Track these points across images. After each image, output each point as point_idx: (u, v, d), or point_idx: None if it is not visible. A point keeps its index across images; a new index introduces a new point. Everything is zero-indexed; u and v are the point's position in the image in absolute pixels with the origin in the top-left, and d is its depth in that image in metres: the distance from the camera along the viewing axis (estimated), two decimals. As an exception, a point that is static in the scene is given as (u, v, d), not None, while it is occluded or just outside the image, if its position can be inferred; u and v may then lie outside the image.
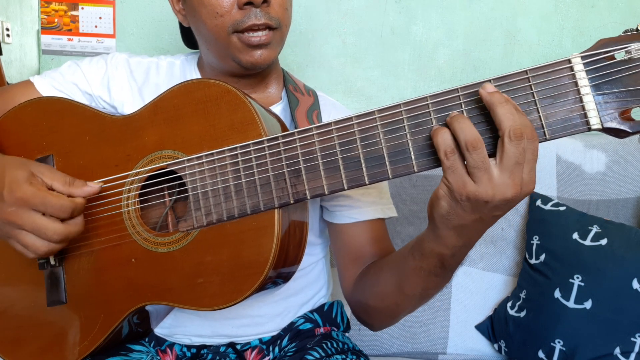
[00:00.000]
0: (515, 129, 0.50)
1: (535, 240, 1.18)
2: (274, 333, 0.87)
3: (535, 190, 1.21)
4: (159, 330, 0.88)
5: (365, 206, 0.84)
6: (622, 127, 0.52)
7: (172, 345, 0.87)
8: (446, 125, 0.55)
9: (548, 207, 1.19)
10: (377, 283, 0.77)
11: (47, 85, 0.86)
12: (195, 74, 0.89)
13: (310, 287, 0.91)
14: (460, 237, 0.59)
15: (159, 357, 0.86)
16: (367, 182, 0.60)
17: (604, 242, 1.10)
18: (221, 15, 0.75)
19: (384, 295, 0.75)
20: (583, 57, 0.53)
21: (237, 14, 0.75)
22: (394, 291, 0.73)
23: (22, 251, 0.68)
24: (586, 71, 0.53)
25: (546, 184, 1.25)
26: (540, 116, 0.54)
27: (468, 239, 0.60)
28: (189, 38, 0.94)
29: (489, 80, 0.55)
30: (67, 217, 0.66)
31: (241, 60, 0.78)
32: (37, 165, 0.69)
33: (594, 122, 0.53)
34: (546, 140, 0.54)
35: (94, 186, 0.70)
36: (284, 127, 0.73)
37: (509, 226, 1.26)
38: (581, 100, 0.53)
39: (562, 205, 1.19)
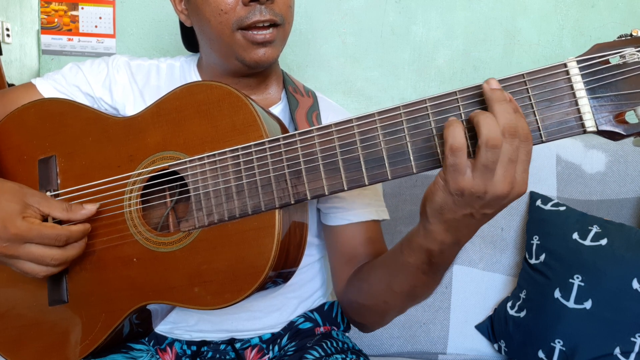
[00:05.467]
0: (510, 127, 0.51)
1: (535, 240, 1.19)
2: (274, 330, 0.88)
3: (535, 190, 1.24)
4: (160, 327, 0.88)
5: (359, 208, 0.85)
6: (617, 130, 0.53)
7: (172, 343, 0.87)
8: (463, 121, 0.55)
9: (548, 207, 1.20)
10: (368, 281, 0.78)
11: (49, 87, 0.86)
12: (195, 76, 0.89)
13: (307, 285, 0.92)
14: (449, 233, 0.60)
15: (158, 356, 0.86)
16: (367, 183, 0.61)
17: (604, 242, 1.11)
18: (225, 12, 0.76)
19: (374, 293, 0.77)
20: (578, 62, 0.54)
21: (241, 10, 0.76)
22: (383, 289, 0.74)
23: (21, 273, 0.69)
24: (581, 75, 0.54)
25: (546, 184, 1.26)
26: (536, 119, 0.55)
27: (457, 236, 0.60)
28: (189, 40, 0.95)
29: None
30: (63, 245, 0.68)
31: (245, 59, 0.79)
32: (32, 195, 0.69)
33: (589, 124, 0.54)
34: (542, 142, 0.55)
35: (91, 208, 0.71)
36: (284, 129, 0.74)
37: (509, 226, 1.27)
38: (577, 104, 0.54)
39: (562, 205, 1.20)
